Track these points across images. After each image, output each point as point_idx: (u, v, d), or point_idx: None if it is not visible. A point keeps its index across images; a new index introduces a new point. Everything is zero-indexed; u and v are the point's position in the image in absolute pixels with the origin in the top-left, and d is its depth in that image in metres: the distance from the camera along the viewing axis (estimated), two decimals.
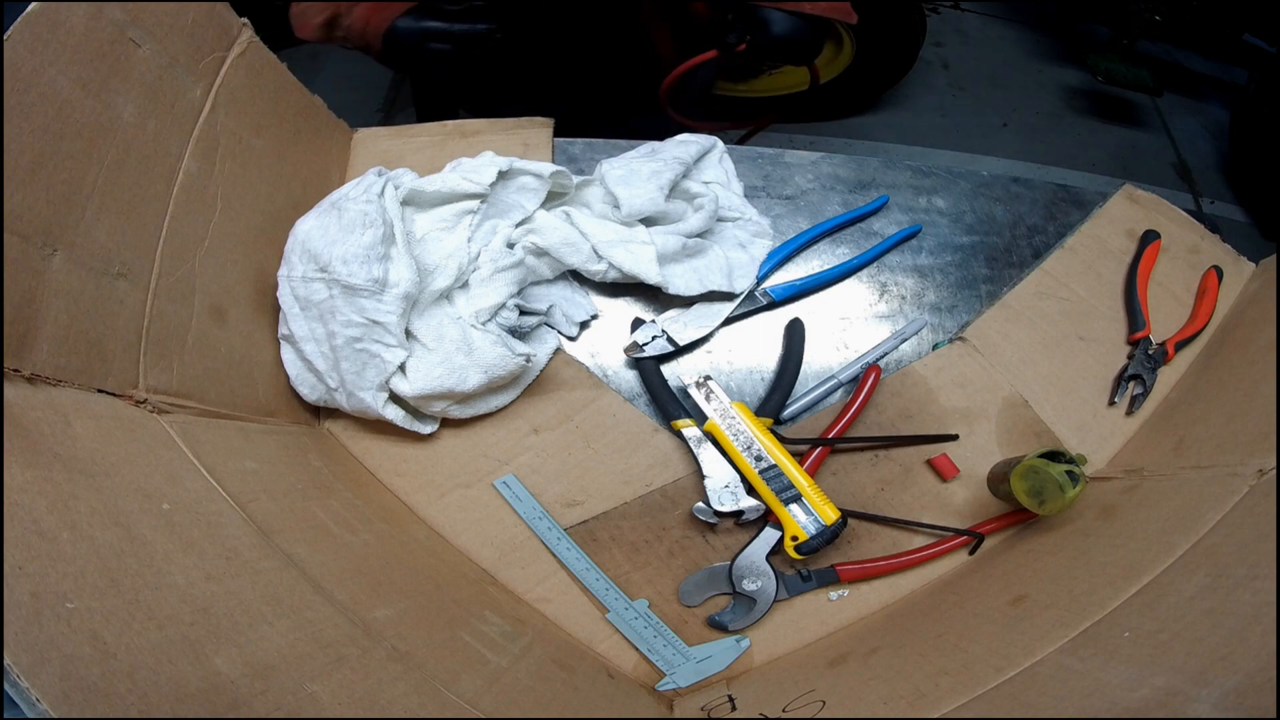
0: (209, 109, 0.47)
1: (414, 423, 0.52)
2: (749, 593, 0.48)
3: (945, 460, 0.51)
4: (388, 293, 0.49)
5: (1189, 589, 0.34)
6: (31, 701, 0.22)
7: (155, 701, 0.26)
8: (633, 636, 0.48)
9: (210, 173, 0.47)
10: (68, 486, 0.31)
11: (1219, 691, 0.27)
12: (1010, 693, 0.35)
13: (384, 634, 0.37)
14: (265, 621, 0.33)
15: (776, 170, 0.62)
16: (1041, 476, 0.44)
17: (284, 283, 0.50)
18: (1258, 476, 0.38)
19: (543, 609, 0.50)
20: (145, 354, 0.41)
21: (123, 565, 0.29)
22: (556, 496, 0.52)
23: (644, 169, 0.55)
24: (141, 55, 0.42)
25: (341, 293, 0.48)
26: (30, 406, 0.32)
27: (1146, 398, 0.53)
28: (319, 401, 0.52)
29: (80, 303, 0.37)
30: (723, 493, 0.49)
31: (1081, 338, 0.55)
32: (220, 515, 0.37)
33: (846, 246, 0.60)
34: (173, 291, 0.44)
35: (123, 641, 0.26)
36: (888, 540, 0.51)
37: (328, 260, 0.49)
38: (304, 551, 0.39)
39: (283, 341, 0.52)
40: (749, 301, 0.57)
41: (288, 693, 0.30)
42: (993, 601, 0.43)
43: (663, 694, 0.47)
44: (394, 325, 0.49)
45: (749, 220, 0.59)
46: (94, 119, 0.38)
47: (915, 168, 0.62)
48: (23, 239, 0.34)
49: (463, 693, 0.37)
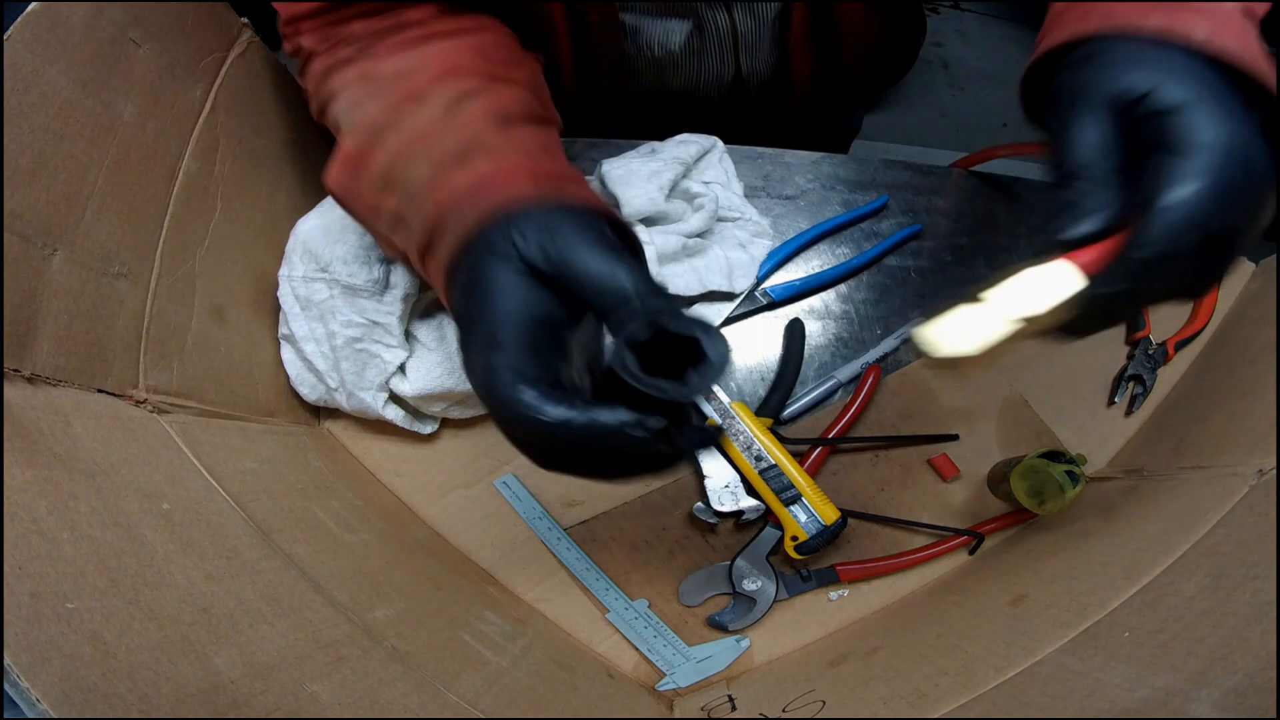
0: (209, 109, 0.47)
1: (414, 423, 0.52)
2: (749, 593, 0.48)
3: (945, 460, 0.51)
4: (388, 294, 0.49)
5: (1189, 589, 0.34)
6: (32, 702, 0.22)
7: (155, 701, 0.26)
8: (633, 636, 0.48)
9: (210, 173, 0.47)
10: (68, 486, 0.31)
11: (1219, 691, 0.27)
12: (1010, 693, 0.34)
13: (384, 634, 0.37)
14: (265, 621, 0.33)
15: (776, 170, 0.62)
16: (1041, 476, 0.44)
17: (285, 282, 0.50)
18: (1258, 476, 0.38)
19: (543, 609, 0.50)
20: (145, 354, 0.41)
21: (123, 565, 0.29)
22: (556, 496, 0.52)
23: (644, 169, 0.55)
24: (141, 55, 0.42)
25: (342, 293, 0.48)
26: (30, 406, 0.32)
27: (1146, 398, 0.53)
28: (319, 401, 0.52)
29: (80, 303, 0.37)
30: (723, 493, 0.49)
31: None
32: (220, 515, 0.37)
33: (846, 246, 0.60)
34: (173, 291, 0.44)
35: (123, 641, 0.26)
36: (888, 540, 0.51)
37: (329, 260, 0.49)
38: (304, 551, 0.39)
39: (283, 341, 0.52)
40: (749, 301, 0.57)
41: (288, 693, 0.30)
42: (993, 601, 0.43)
43: (663, 694, 0.47)
44: (394, 326, 0.49)
45: (749, 220, 0.59)
46: (94, 119, 0.38)
47: (915, 167, 0.62)
48: (23, 239, 0.34)
49: (463, 693, 0.37)
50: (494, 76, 0.41)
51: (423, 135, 0.37)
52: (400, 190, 0.36)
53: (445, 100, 0.38)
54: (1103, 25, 0.30)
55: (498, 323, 0.29)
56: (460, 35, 0.44)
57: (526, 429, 0.28)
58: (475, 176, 0.34)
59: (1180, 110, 0.27)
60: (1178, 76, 0.28)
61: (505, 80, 0.42)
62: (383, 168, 0.37)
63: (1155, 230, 0.27)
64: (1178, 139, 0.27)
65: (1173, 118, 0.27)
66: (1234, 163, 0.27)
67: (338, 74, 0.42)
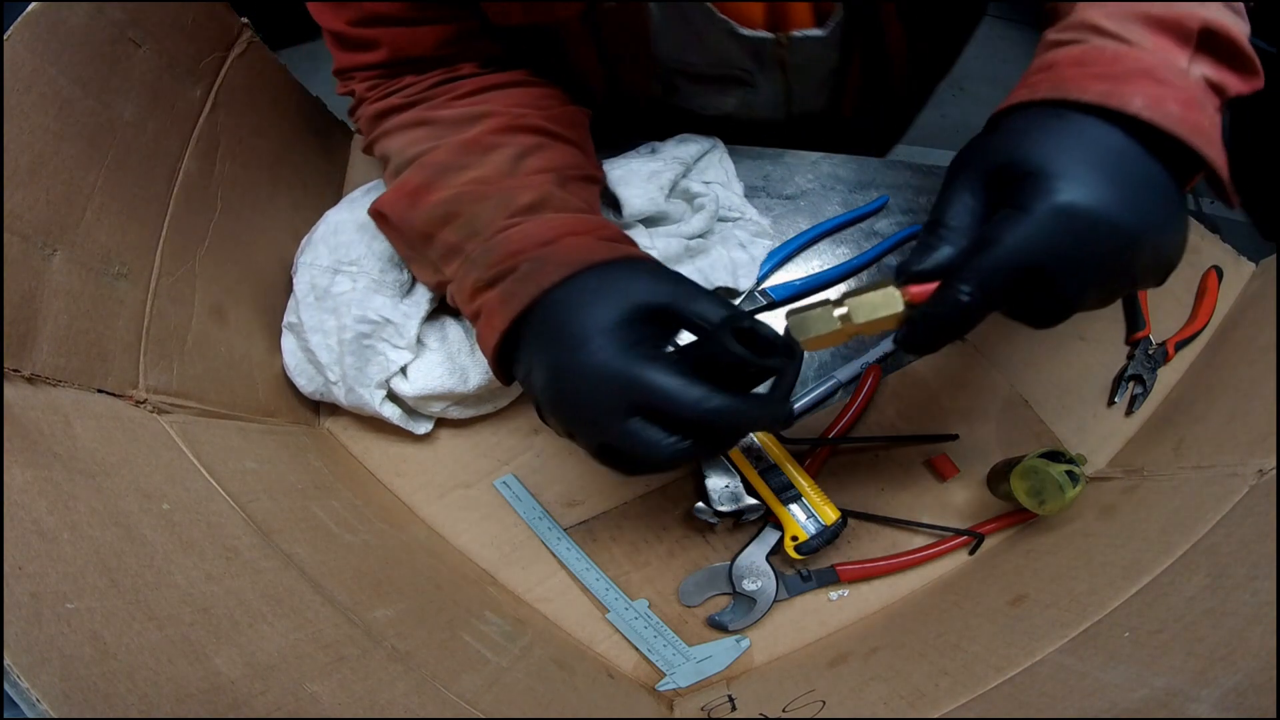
0: (209, 109, 0.47)
1: (409, 421, 0.52)
2: (749, 593, 0.48)
3: (945, 460, 0.51)
4: (410, 297, 0.49)
5: (1189, 589, 0.34)
6: (32, 702, 0.22)
7: (155, 701, 0.26)
8: (633, 636, 0.48)
9: (210, 173, 0.47)
10: (68, 486, 0.31)
11: (1219, 691, 0.27)
12: (1010, 693, 0.35)
13: (384, 634, 0.37)
14: (265, 621, 0.33)
15: (776, 170, 0.62)
16: (1041, 476, 0.44)
17: (304, 270, 0.50)
18: (1258, 476, 0.38)
19: (543, 609, 0.50)
20: (145, 354, 0.41)
21: (123, 565, 0.29)
22: (556, 496, 0.52)
23: (644, 168, 0.55)
24: (141, 55, 0.42)
25: (366, 287, 0.49)
26: (30, 406, 0.32)
27: (1146, 398, 0.53)
28: (315, 394, 0.52)
29: (80, 303, 0.37)
30: (723, 493, 0.49)
31: (1081, 338, 0.55)
32: (220, 515, 0.37)
33: (846, 246, 0.60)
34: (173, 291, 0.44)
35: (123, 642, 0.26)
36: (888, 540, 0.51)
37: (361, 255, 0.49)
38: (304, 551, 0.39)
39: (286, 330, 0.52)
40: (749, 301, 0.57)
41: (288, 693, 0.30)
42: (993, 601, 0.43)
43: (663, 694, 0.47)
44: (409, 328, 0.49)
45: (749, 220, 0.59)
46: (94, 119, 0.38)
47: (915, 167, 0.62)
48: (23, 239, 0.34)
49: (463, 693, 0.37)
50: (552, 134, 0.47)
51: (489, 181, 0.42)
52: (464, 226, 0.41)
53: (511, 152, 0.44)
54: (1049, 93, 0.33)
55: (611, 332, 0.34)
56: (511, 87, 0.48)
57: (665, 411, 0.33)
58: (548, 229, 0.39)
59: (1035, 175, 0.31)
60: (1055, 146, 0.31)
61: (560, 138, 0.47)
62: (445, 202, 0.42)
63: (969, 271, 0.31)
64: (1020, 199, 0.31)
65: (1025, 181, 0.31)
66: (1063, 220, 0.30)
67: (393, 117, 0.47)
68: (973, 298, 0.31)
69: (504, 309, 0.37)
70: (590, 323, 0.35)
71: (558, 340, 0.35)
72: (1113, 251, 0.31)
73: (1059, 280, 0.31)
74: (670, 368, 0.33)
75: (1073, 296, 0.32)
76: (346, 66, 0.48)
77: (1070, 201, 0.30)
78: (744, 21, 0.48)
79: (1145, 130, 0.31)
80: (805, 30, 0.49)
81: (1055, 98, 0.32)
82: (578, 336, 0.34)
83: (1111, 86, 0.31)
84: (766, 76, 0.54)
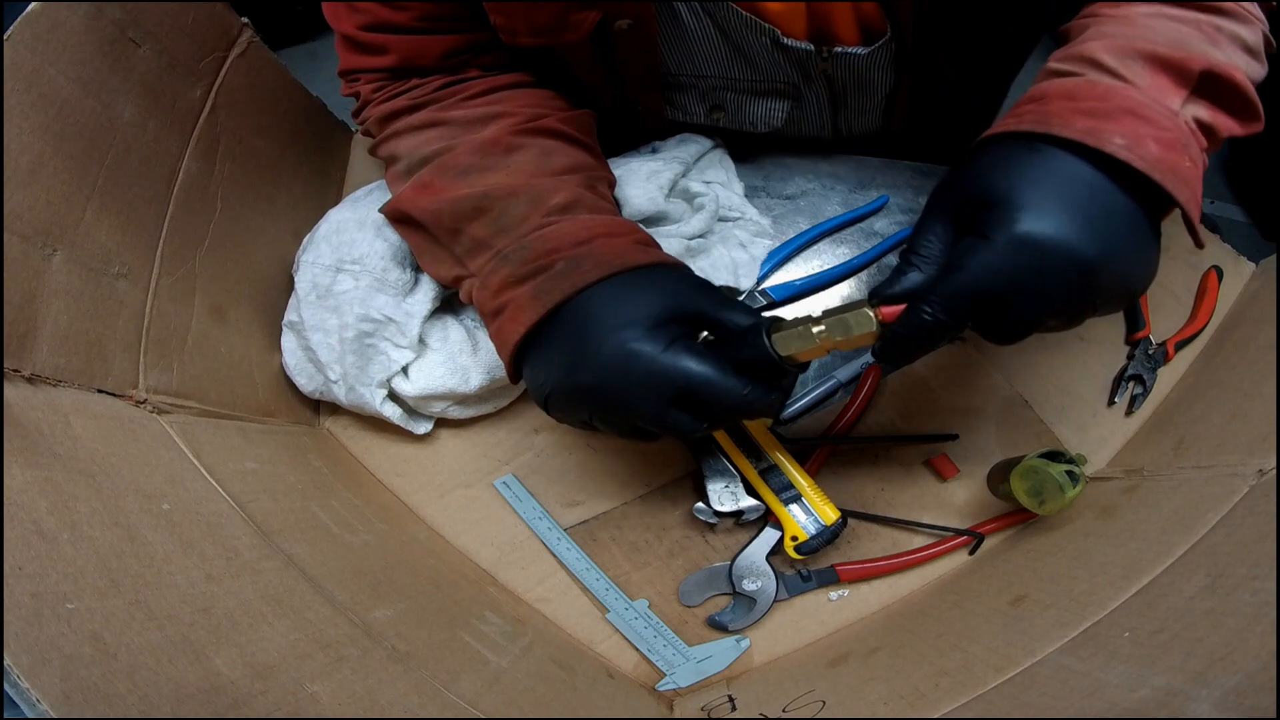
0: (209, 109, 0.47)
1: (409, 421, 0.52)
2: (749, 593, 0.48)
3: (945, 460, 0.51)
4: (414, 296, 0.49)
5: (1189, 589, 0.34)
6: (32, 702, 0.22)
7: (155, 701, 0.26)
8: (633, 636, 0.48)
9: (210, 173, 0.47)
10: (68, 487, 0.31)
11: (1219, 691, 0.27)
12: (1010, 693, 0.35)
13: (384, 634, 0.37)
14: (265, 621, 0.33)
15: (776, 170, 0.62)
16: (1041, 476, 0.44)
17: (306, 268, 0.50)
18: (1258, 476, 0.38)
19: (543, 609, 0.50)
20: (145, 354, 0.41)
21: (123, 565, 0.29)
22: (556, 496, 0.52)
23: (644, 168, 0.55)
24: (141, 55, 0.42)
25: (369, 286, 0.49)
26: (30, 406, 0.32)
27: (1146, 398, 0.53)
28: (315, 393, 0.52)
29: (80, 303, 0.37)
30: (723, 493, 0.49)
31: (1081, 338, 0.55)
32: (220, 515, 0.37)
33: (846, 246, 0.60)
34: (173, 291, 0.44)
35: (123, 642, 0.26)
36: (888, 540, 0.51)
37: (364, 253, 0.49)
38: (304, 551, 0.39)
39: (286, 328, 0.52)
40: (749, 301, 0.57)
41: (288, 693, 0.30)
42: (993, 601, 0.43)
43: (663, 694, 0.47)
44: (410, 327, 0.49)
45: (749, 220, 0.59)
46: (94, 119, 0.38)
47: (915, 168, 0.62)
48: (23, 239, 0.34)
49: (463, 693, 0.37)
50: (568, 137, 0.47)
51: (518, 178, 0.43)
52: (493, 222, 0.42)
53: (534, 153, 0.45)
54: (1033, 126, 0.34)
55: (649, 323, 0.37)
56: (520, 88, 0.49)
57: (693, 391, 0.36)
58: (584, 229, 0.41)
59: (1000, 206, 0.32)
60: (1022, 179, 0.33)
61: (576, 141, 0.48)
62: (474, 198, 0.42)
63: (934, 295, 0.34)
64: (984, 227, 0.33)
65: (991, 211, 0.33)
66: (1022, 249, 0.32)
67: (403, 119, 0.47)
68: (936, 319, 0.33)
69: (535, 304, 0.39)
70: (628, 317, 0.37)
71: (593, 331, 0.37)
72: (1071, 280, 0.32)
73: (1017, 305, 0.33)
74: (710, 360, 0.36)
75: (1031, 320, 0.34)
76: (353, 69, 0.48)
77: (1029, 231, 0.31)
78: (787, 32, 0.48)
79: (1122, 165, 0.32)
80: (848, 47, 0.49)
81: (1038, 131, 0.33)
82: (616, 328, 0.37)
83: (1095, 124, 0.32)
84: (811, 90, 0.55)
